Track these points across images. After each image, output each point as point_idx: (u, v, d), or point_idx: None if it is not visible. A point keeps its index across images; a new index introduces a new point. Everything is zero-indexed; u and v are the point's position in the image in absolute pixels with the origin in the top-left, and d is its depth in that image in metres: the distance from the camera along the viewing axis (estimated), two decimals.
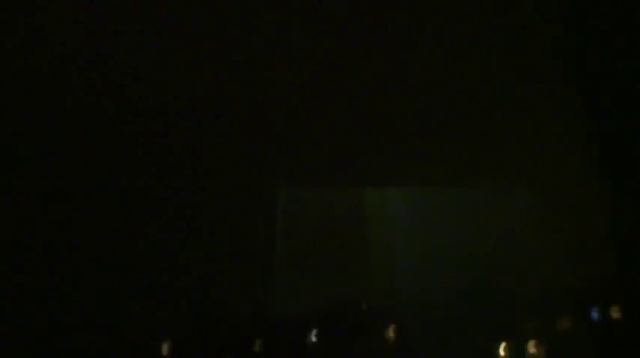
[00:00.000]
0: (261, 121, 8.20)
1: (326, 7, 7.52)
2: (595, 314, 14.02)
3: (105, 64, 7.64)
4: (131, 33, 7.35)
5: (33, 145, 7.76)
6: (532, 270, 13.42)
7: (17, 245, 7.96)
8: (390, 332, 16.66)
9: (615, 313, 12.06)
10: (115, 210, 8.34)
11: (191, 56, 7.62)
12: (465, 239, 12.33)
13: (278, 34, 7.73)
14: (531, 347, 12.32)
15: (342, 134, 8.31)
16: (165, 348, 13.45)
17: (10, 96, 7.51)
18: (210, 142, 8.54)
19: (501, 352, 13.05)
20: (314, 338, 17.28)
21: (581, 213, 9.49)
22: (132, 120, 7.89)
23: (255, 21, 7.61)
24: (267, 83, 7.92)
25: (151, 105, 7.92)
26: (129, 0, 7.34)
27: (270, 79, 7.90)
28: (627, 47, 7.48)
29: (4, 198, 7.62)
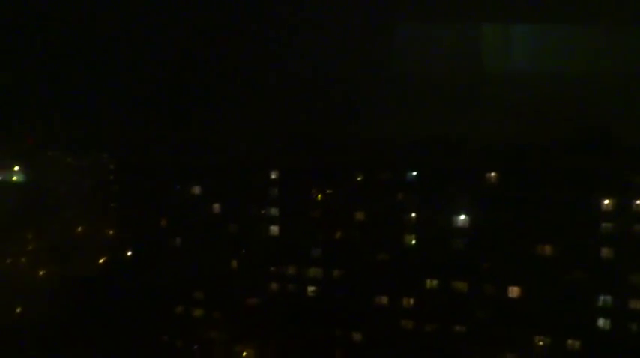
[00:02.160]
0: None
1: None
2: None
3: None
4: None
5: None
6: None
7: None
8: (491, 176, 16.61)
9: None
10: None
11: None
12: (582, 82, 12.06)
13: None
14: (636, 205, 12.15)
15: None
16: (273, 174, 14.75)
17: None
18: None
19: (605, 207, 12.86)
20: (414, 173, 17.72)
21: None
22: None
23: None
24: None
25: None
26: None
27: None
28: None
29: None
